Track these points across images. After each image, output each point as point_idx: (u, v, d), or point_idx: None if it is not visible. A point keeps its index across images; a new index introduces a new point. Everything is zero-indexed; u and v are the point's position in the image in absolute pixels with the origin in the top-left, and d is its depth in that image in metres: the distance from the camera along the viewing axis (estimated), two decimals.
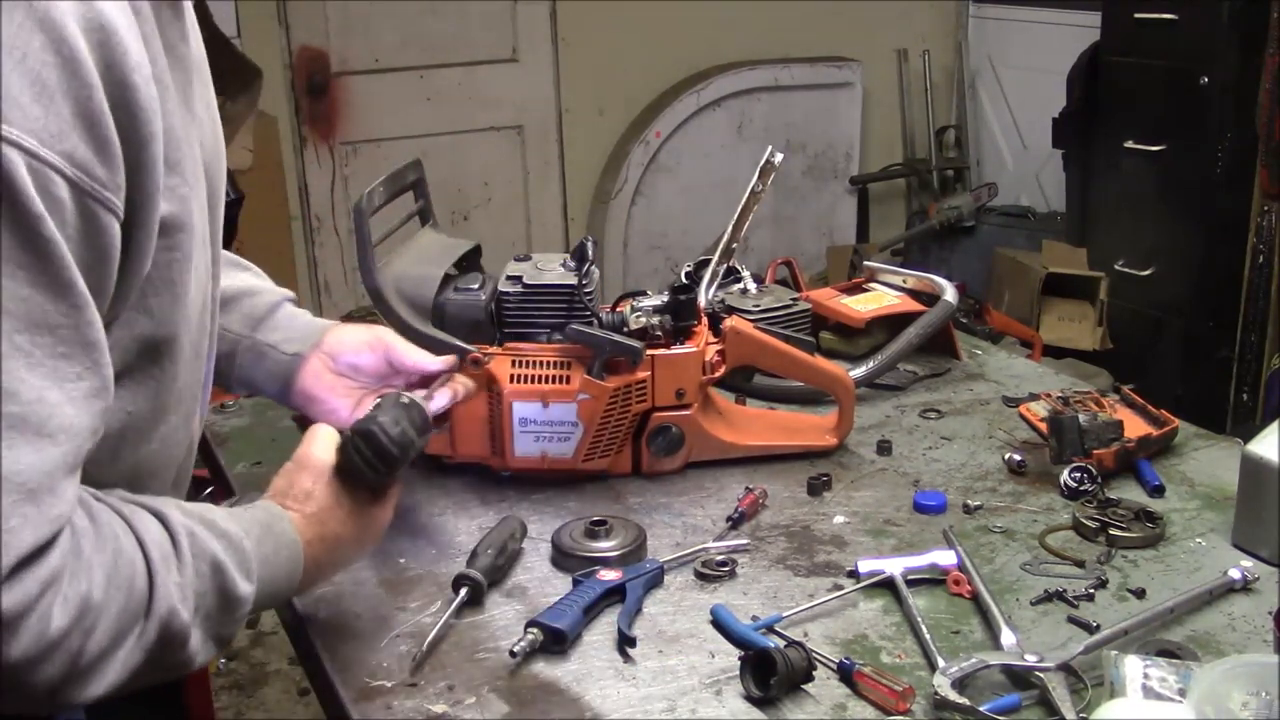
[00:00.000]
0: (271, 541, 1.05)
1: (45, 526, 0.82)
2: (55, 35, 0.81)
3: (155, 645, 0.92)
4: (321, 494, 1.12)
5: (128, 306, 0.94)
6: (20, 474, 0.81)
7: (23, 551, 0.81)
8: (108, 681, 0.89)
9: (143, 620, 0.90)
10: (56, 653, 0.85)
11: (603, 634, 1.22)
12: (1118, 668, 1.09)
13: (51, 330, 0.83)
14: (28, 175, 0.79)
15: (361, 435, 1.14)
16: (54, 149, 0.81)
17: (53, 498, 0.83)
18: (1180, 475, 1.54)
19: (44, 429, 0.82)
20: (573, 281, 1.50)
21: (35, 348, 0.82)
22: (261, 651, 3.11)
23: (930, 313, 1.85)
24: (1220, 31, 3.55)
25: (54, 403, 0.83)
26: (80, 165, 0.83)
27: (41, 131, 0.80)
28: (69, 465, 0.85)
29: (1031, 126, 4.75)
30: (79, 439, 0.86)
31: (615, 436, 1.50)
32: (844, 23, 4.87)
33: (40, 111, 0.80)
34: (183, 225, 0.96)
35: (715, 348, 1.54)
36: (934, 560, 1.31)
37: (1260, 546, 1.34)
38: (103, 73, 0.84)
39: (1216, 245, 3.69)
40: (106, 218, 0.86)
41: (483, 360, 1.46)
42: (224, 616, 0.99)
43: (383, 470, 1.15)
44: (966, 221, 4.66)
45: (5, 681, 0.84)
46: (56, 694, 0.87)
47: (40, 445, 0.82)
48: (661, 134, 4.60)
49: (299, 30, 4.06)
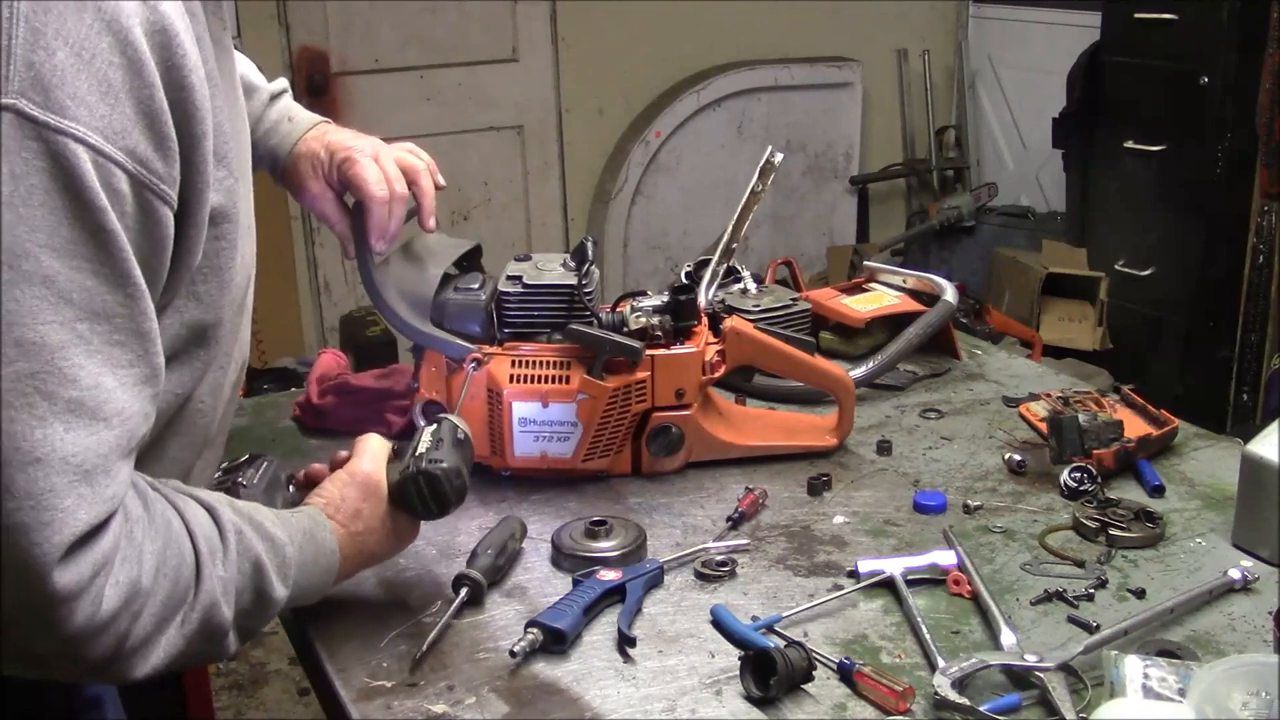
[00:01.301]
0: (312, 549, 1.10)
1: (100, 506, 0.86)
2: (122, 38, 0.85)
3: (196, 634, 0.96)
4: (369, 515, 1.18)
5: (179, 294, 0.99)
6: (77, 455, 0.84)
7: (78, 531, 0.84)
8: (151, 664, 0.93)
9: (186, 609, 0.95)
10: (105, 633, 0.88)
11: (603, 634, 1.22)
12: (1118, 668, 1.09)
13: (109, 319, 0.86)
14: (93, 169, 0.83)
15: (426, 478, 1.19)
16: (117, 145, 0.85)
17: (107, 479, 0.87)
18: (1180, 475, 1.54)
19: (99, 413, 0.86)
20: (573, 281, 1.50)
21: (94, 335, 0.86)
22: (261, 651, 3.11)
23: (930, 313, 1.85)
24: (1220, 31, 3.54)
25: (109, 388, 0.87)
26: (141, 160, 0.87)
27: (106, 129, 0.84)
28: (123, 448, 0.89)
29: (1031, 126, 4.74)
30: (131, 423, 0.89)
31: (615, 436, 1.50)
32: (844, 23, 4.87)
33: (106, 110, 0.84)
34: (229, 215, 1.01)
35: (715, 348, 1.54)
36: (934, 560, 1.31)
37: (1260, 546, 1.34)
38: (163, 74, 0.88)
39: (1216, 245, 3.69)
40: (163, 210, 0.90)
41: (482, 360, 1.46)
42: (256, 614, 1.03)
43: (437, 513, 1.21)
44: (966, 221, 4.66)
45: (56, 656, 0.89)
46: (103, 670, 0.92)
47: (95, 429, 0.86)
48: (661, 134, 4.59)
49: (299, 30, 4.05)
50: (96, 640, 0.88)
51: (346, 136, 1.47)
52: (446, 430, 1.24)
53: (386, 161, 1.43)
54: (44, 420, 0.83)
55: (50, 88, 0.81)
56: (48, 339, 0.83)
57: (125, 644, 0.90)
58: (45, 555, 0.83)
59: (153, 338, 0.91)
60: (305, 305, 4.21)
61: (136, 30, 0.86)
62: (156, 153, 0.88)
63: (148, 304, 0.90)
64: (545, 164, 4.58)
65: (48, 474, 0.83)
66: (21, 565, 0.83)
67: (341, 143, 1.45)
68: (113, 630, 0.89)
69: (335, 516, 1.15)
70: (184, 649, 0.95)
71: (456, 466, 1.21)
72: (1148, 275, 3.92)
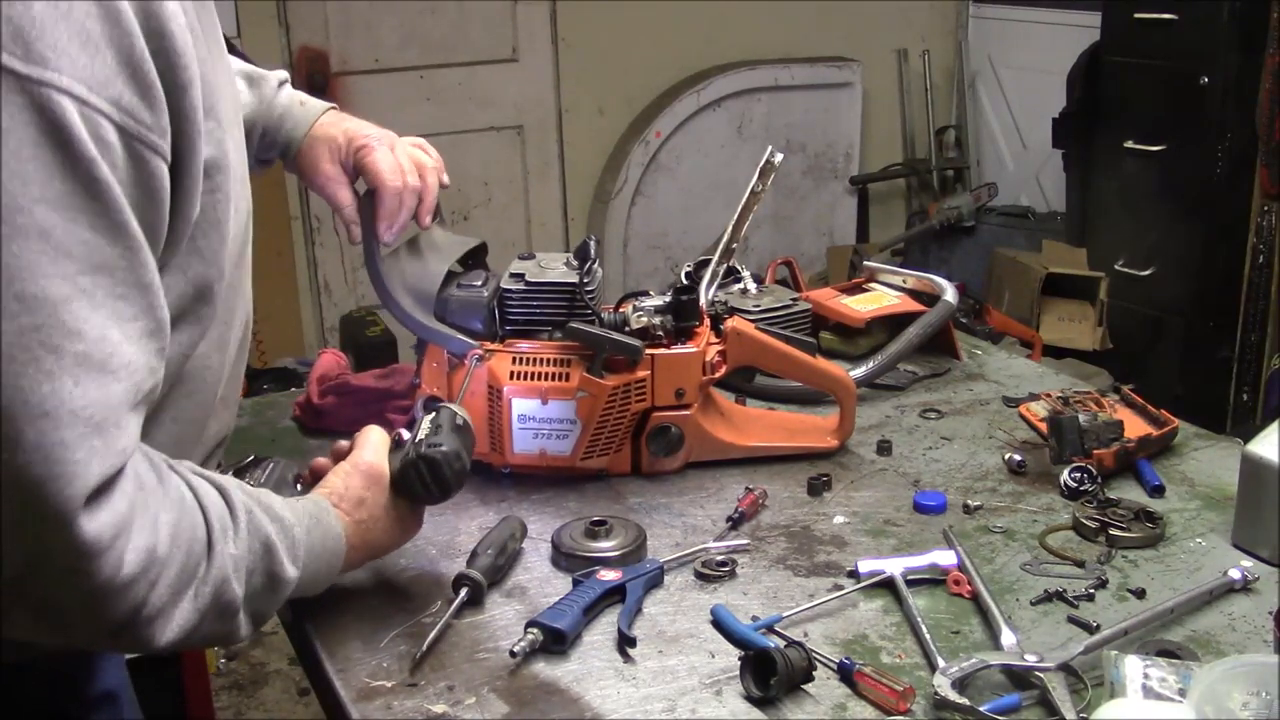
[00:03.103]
0: (319, 533, 1.11)
1: (111, 459, 0.87)
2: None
3: (209, 609, 0.96)
4: (373, 503, 1.19)
5: (181, 251, 0.98)
6: (86, 409, 0.84)
7: (92, 483, 0.85)
8: (166, 635, 0.94)
9: (198, 582, 0.95)
10: (125, 595, 0.89)
11: (603, 634, 1.22)
12: (1118, 668, 1.09)
13: (110, 272, 0.86)
14: (80, 120, 0.82)
15: (427, 462, 1.20)
16: (102, 95, 0.84)
17: (118, 431, 0.87)
18: (1180, 475, 1.54)
19: (107, 366, 0.86)
20: (575, 280, 1.51)
21: (97, 289, 0.85)
22: (261, 651, 3.11)
23: (930, 313, 1.85)
24: (1220, 31, 3.55)
25: (115, 341, 0.87)
26: (127, 110, 0.86)
27: (90, 79, 0.83)
28: (130, 401, 0.89)
29: (1031, 126, 4.75)
30: (138, 376, 0.89)
31: (614, 435, 1.50)
32: (844, 23, 4.87)
33: (87, 60, 0.83)
34: (221, 166, 1.00)
35: (716, 348, 1.53)
36: (934, 560, 1.31)
37: (1260, 546, 1.34)
38: (142, 23, 0.87)
39: (1216, 245, 3.69)
40: (155, 161, 0.89)
41: (484, 356, 1.47)
42: (267, 595, 1.04)
43: (438, 496, 1.22)
44: (966, 221, 4.66)
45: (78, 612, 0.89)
46: (121, 634, 0.92)
47: (104, 381, 0.86)
48: (661, 134, 4.59)
49: (299, 30, 4.06)
50: (118, 599, 0.89)
51: (363, 125, 1.49)
52: (446, 417, 1.25)
53: (401, 152, 1.46)
54: (51, 374, 0.82)
55: (30, 40, 0.80)
56: (50, 292, 0.82)
57: (143, 610, 0.91)
58: (67, 505, 0.84)
59: (155, 291, 0.91)
60: (305, 305, 4.21)
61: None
62: (142, 102, 0.87)
63: (147, 256, 0.89)
64: (545, 164, 4.58)
65: (57, 427, 0.83)
66: (45, 517, 0.84)
67: (359, 130, 1.47)
68: (132, 594, 0.89)
69: (340, 505, 1.16)
70: (197, 624, 0.96)
71: (456, 450, 1.22)
72: (1148, 275, 3.92)
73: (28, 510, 0.83)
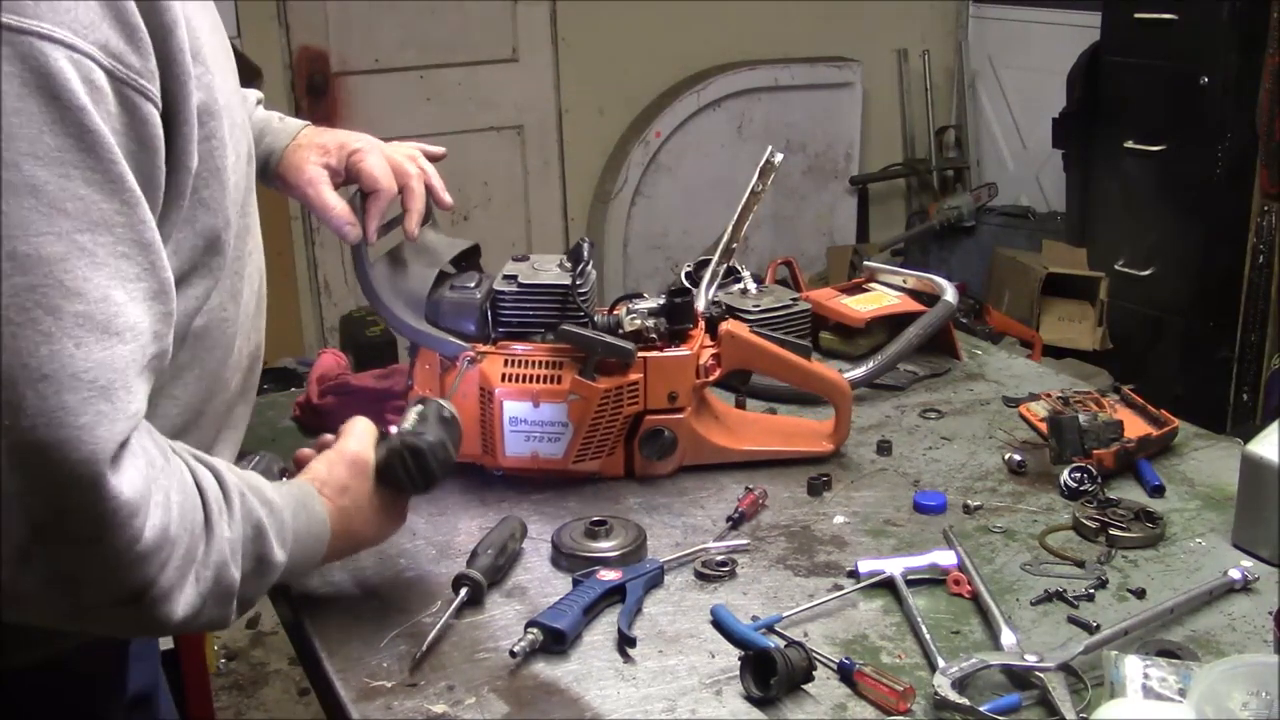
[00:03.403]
0: (305, 517, 1.09)
1: (121, 423, 0.84)
2: None
3: (210, 592, 0.95)
4: (356, 491, 1.17)
5: (187, 203, 0.96)
6: (90, 371, 0.82)
7: (103, 448, 0.82)
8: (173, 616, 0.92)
9: (198, 565, 0.93)
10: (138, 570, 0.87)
11: (603, 634, 1.22)
12: (1118, 668, 1.09)
13: (109, 229, 0.84)
14: (70, 67, 0.80)
15: (411, 451, 1.19)
16: (89, 39, 0.82)
17: (127, 395, 0.85)
18: (1180, 475, 1.54)
19: (111, 327, 0.83)
20: (567, 282, 1.50)
21: (97, 247, 0.83)
22: (261, 651, 3.11)
23: (930, 313, 1.85)
24: (1220, 31, 3.54)
25: (119, 302, 0.84)
26: (115, 54, 0.84)
27: (75, 23, 0.81)
28: (139, 364, 0.86)
29: (1031, 126, 4.74)
30: (144, 338, 0.87)
31: (606, 438, 1.49)
32: (844, 23, 4.87)
33: (70, 3, 0.81)
34: (213, 111, 0.97)
35: (710, 351, 1.53)
36: (934, 560, 1.31)
37: (1260, 546, 1.34)
38: None
39: (1216, 245, 3.69)
40: (146, 107, 0.87)
41: (475, 358, 1.46)
42: (256, 580, 1.02)
43: (422, 486, 1.21)
44: (966, 221, 4.66)
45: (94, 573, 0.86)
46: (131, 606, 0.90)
47: (109, 342, 0.83)
48: (661, 134, 4.59)
49: (299, 30, 4.05)
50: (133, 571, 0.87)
51: (350, 133, 1.49)
52: (432, 409, 1.25)
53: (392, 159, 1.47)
54: (50, 336, 0.80)
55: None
56: (44, 251, 0.80)
57: (153, 589, 0.89)
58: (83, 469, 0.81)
59: (157, 249, 0.88)
60: (305, 305, 4.21)
61: None
62: (129, 45, 0.85)
63: (146, 213, 0.87)
64: (545, 164, 4.58)
65: (58, 390, 0.80)
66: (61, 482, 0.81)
67: (348, 136, 1.47)
68: (146, 568, 0.88)
69: (323, 490, 1.14)
70: (200, 607, 0.94)
71: (441, 440, 1.21)
72: (1148, 275, 3.92)
73: (43, 475, 0.81)
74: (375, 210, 1.44)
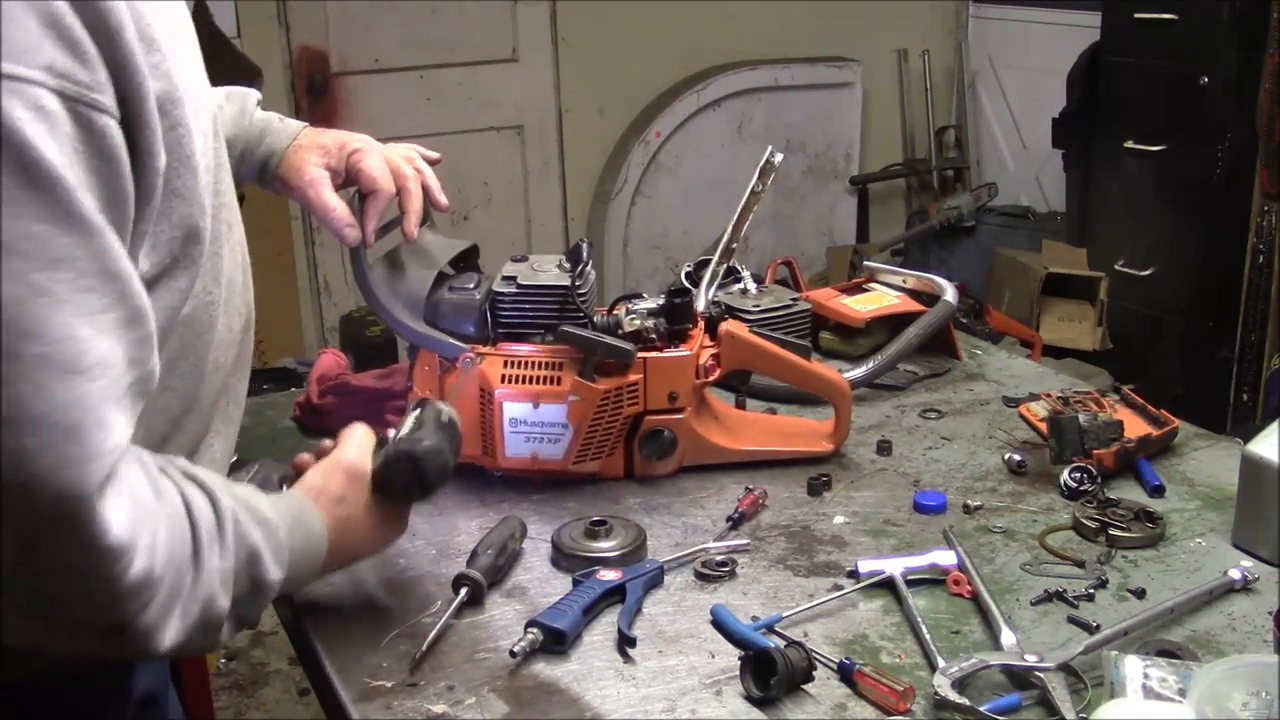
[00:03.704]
0: (302, 533, 1.08)
1: (97, 461, 0.82)
2: None
3: (195, 626, 0.94)
4: (353, 500, 1.15)
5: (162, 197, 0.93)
6: (51, 414, 0.80)
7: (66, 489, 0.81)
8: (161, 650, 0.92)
9: (185, 599, 0.92)
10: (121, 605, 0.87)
11: (603, 634, 1.22)
12: (1118, 668, 1.09)
13: (69, 265, 0.81)
14: (13, 99, 0.77)
15: (407, 459, 1.16)
16: (32, 65, 0.79)
17: (101, 431, 0.83)
18: (1180, 475, 1.54)
19: (75, 365, 0.81)
20: (567, 282, 1.50)
21: (56, 284, 0.80)
22: (261, 651, 3.11)
23: (930, 313, 1.85)
24: (1220, 31, 3.54)
25: (84, 338, 0.82)
26: (61, 73, 0.81)
27: (12, 51, 0.78)
28: (114, 397, 0.84)
29: (1031, 126, 4.74)
30: (116, 370, 0.84)
31: (606, 439, 1.49)
32: (844, 23, 4.87)
33: (6, 31, 0.78)
34: (174, 99, 0.93)
35: (710, 351, 1.53)
36: (934, 560, 1.31)
37: (1260, 546, 1.34)
38: None
39: (1216, 245, 3.68)
40: (102, 120, 0.84)
41: (475, 360, 1.46)
42: (252, 601, 1.01)
43: (419, 494, 1.19)
44: (966, 221, 4.66)
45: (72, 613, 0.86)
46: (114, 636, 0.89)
47: (73, 382, 0.81)
48: (661, 134, 4.59)
49: (299, 30, 4.05)
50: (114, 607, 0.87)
51: (349, 133, 1.49)
52: (430, 413, 1.21)
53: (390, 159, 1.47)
54: (7, 380, 0.78)
55: None
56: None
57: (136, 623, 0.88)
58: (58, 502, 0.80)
59: (125, 277, 0.85)
60: (305, 305, 4.21)
61: None
62: (76, 61, 0.81)
63: (110, 240, 0.84)
64: (545, 164, 4.58)
65: (17, 435, 0.78)
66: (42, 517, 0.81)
67: (348, 137, 1.47)
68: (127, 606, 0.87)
69: (319, 501, 1.12)
70: (185, 639, 0.93)
71: (438, 446, 1.18)
72: (1148, 275, 3.92)
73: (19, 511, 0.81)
74: (373, 211, 1.44)
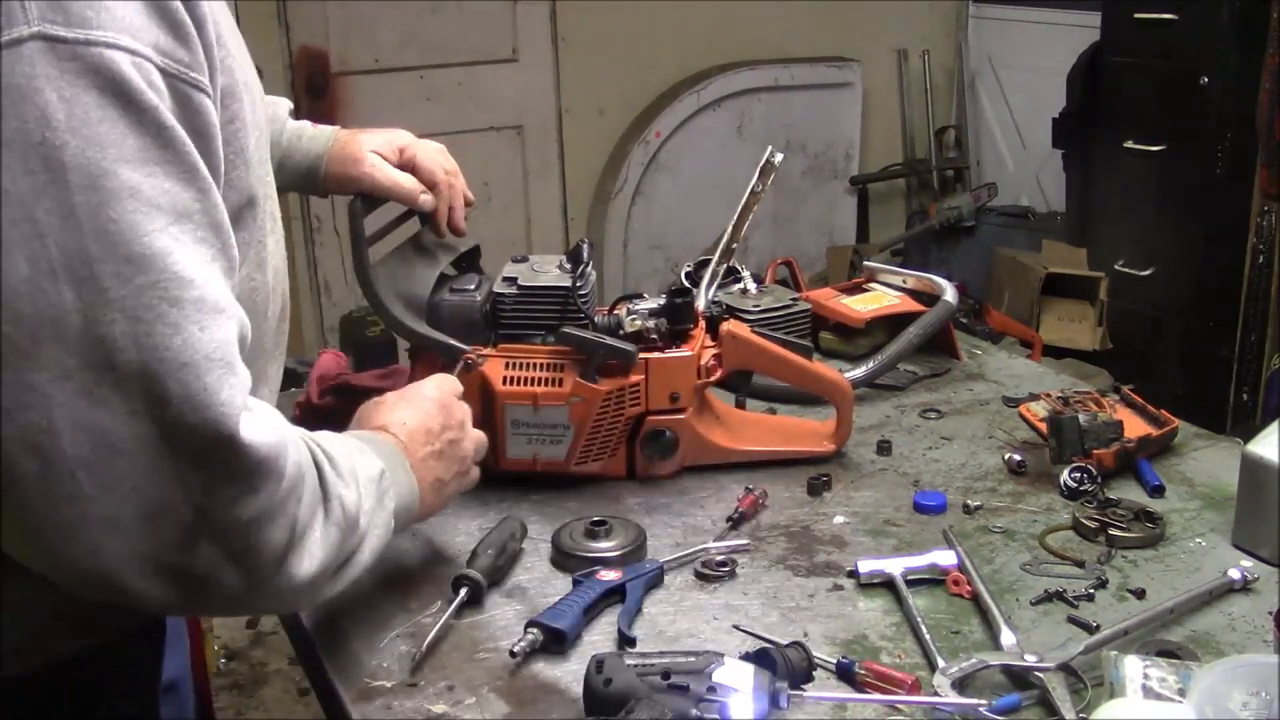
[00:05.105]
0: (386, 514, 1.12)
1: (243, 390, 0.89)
2: None
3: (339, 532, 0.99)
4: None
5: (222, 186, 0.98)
6: (218, 349, 0.87)
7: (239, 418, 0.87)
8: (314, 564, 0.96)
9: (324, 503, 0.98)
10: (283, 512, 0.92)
11: (603, 634, 1.22)
12: (1118, 668, 1.09)
13: (190, 217, 0.87)
14: (135, 71, 0.83)
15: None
16: (144, 41, 0.85)
17: (239, 363, 0.90)
18: (1180, 475, 1.54)
19: (218, 306, 0.88)
20: (568, 283, 1.50)
21: (184, 235, 0.87)
22: (261, 651, 3.11)
23: (930, 313, 1.85)
24: (1220, 31, 3.54)
25: (215, 283, 0.89)
26: (166, 53, 0.87)
27: (130, 29, 0.84)
28: (239, 336, 0.91)
29: (1031, 126, 4.74)
30: (239, 312, 0.92)
31: (608, 440, 1.49)
32: (844, 23, 4.87)
33: (123, 11, 0.84)
34: (234, 93, 1.00)
35: (711, 351, 1.53)
36: (934, 560, 1.31)
37: (1260, 546, 1.34)
38: None
39: (1216, 245, 3.68)
40: (199, 98, 0.90)
41: (476, 361, 1.46)
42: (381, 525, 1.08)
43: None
44: (966, 221, 4.66)
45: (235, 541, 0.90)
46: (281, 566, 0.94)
47: (220, 320, 0.88)
48: (661, 134, 4.59)
49: (299, 30, 4.05)
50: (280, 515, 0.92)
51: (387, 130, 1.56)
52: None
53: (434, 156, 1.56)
54: (178, 326, 0.84)
55: (67, 4, 0.81)
56: (155, 248, 0.84)
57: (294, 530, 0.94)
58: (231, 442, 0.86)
59: (227, 230, 0.92)
60: (305, 305, 4.21)
61: None
62: (177, 41, 0.88)
63: (217, 196, 0.91)
64: (545, 164, 4.58)
65: (198, 375, 0.85)
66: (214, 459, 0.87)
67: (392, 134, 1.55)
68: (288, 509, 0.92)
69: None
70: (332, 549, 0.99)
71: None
72: (1148, 275, 3.92)
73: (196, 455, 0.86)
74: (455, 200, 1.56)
